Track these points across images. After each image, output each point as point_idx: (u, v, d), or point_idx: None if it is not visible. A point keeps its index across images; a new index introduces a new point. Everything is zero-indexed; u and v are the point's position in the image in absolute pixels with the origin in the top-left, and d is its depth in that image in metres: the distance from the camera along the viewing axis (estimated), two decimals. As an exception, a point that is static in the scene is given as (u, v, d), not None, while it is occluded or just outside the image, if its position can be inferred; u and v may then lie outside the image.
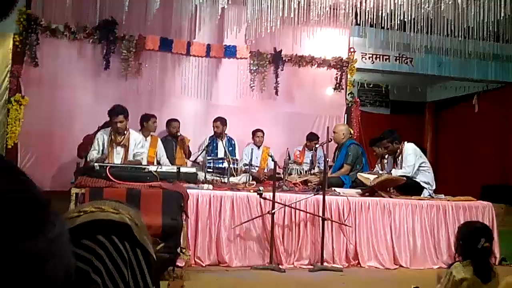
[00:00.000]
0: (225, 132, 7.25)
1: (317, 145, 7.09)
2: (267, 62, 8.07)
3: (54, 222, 0.57)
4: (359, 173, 6.06)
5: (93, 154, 5.50)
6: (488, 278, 2.74)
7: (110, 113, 5.51)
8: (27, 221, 0.54)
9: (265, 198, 5.09)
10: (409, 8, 6.38)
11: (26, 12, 6.96)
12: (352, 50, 8.46)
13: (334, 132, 6.65)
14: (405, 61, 8.98)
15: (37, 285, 0.52)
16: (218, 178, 6.20)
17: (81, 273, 1.05)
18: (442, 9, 6.33)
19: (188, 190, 4.87)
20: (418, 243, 5.53)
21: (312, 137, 7.62)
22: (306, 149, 7.64)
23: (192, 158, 6.96)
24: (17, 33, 6.98)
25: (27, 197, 0.56)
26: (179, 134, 7.03)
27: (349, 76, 8.47)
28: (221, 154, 7.01)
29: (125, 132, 5.60)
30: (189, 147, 7.18)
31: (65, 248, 0.57)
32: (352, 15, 6.76)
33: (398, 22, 6.57)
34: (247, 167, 6.63)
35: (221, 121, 7.16)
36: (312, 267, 5.14)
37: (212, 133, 7.24)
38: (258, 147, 7.51)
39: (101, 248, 1.07)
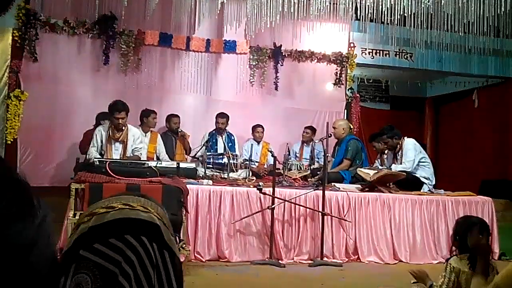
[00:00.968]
0: (225, 128, 7.24)
1: (316, 140, 7.08)
2: (266, 57, 8.06)
3: (39, 205, 0.57)
4: (358, 169, 6.07)
5: (92, 151, 5.49)
6: (487, 272, 2.74)
7: (112, 109, 5.49)
8: (14, 204, 0.53)
9: (264, 193, 5.09)
10: (409, 3, 6.36)
11: (25, 7, 6.93)
12: (352, 45, 8.45)
13: (334, 127, 6.66)
14: (405, 56, 8.97)
15: (26, 268, 0.51)
16: (218, 174, 6.20)
17: (108, 274, 1.00)
18: (442, 4, 6.31)
19: (187, 186, 4.87)
20: (417, 238, 5.54)
21: (306, 129, 7.59)
22: (305, 144, 7.62)
23: (192, 153, 6.95)
24: (16, 28, 6.95)
25: (12, 181, 0.56)
26: (179, 130, 7.02)
27: (349, 71, 8.46)
28: (220, 150, 7.00)
29: (123, 128, 5.59)
30: (189, 143, 7.18)
31: (49, 231, 0.57)
32: (352, 10, 6.74)
33: (398, 17, 6.54)
34: (247, 162, 6.63)
35: (226, 117, 7.14)
36: (311, 262, 5.15)
37: (212, 129, 7.22)
38: (258, 143, 7.50)
39: (131, 250, 1.04)
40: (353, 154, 6.47)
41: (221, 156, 6.65)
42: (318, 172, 6.25)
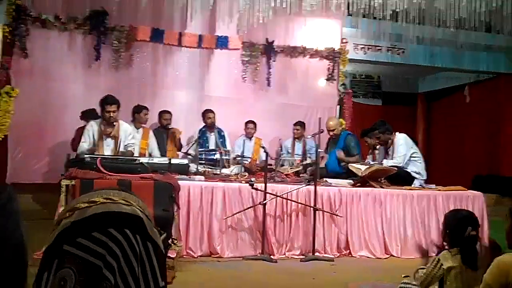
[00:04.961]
0: (214, 123, 7.23)
1: (308, 136, 7.09)
2: (259, 53, 8.04)
3: (2, 189, 0.57)
4: (350, 164, 6.08)
5: (83, 146, 5.47)
6: (476, 266, 2.77)
7: (103, 102, 5.48)
8: None
9: (256, 189, 5.10)
10: (401, -2, 6.37)
11: (15, 3, 6.87)
12: (344, 40, 8.44)
13: (331, 130, 6.65)
14: (397, 51, 8.99)
15: None
16: (210, 170, 6.19)
17: (92, 268, 1.01)
18: (434, 0, 6.32)
19: (179, 182, 4.87)
20: (408, 233, 5.57)
21: (296, 125, 7.57)
22: (296, 140, 7.60)
23: (183, 150, 6.94)
24: (7, 24, 6.88)
25: None
26: (169, 127, 7.01)
27: (341, 67, 8.46)
28: (212, 146, 6.99)
29: (115, 123, 5.57)
30: (180, 139, 7.16)
31: (15, 215, 0.57)
32: (344, 6, 6.74)
33: (390, 12, 6.56)
34: (239, 158, 6.63)
35: (213, 112, 7.15)
36: (303, 257, 5.17)
37: (202, 126, 7.21)
38: (250, 139, 7.50)
39: (114, 243, 1.04)
40: (356, 148, 6.57)
41: (213, 152, 6.64)
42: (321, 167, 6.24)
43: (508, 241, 2.26)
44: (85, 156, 4.93)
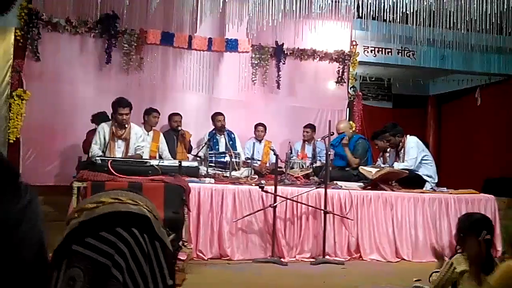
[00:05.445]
0: (224, 126, 7.25)
1: (318, 139, 7.07)
2: (268, 56, 8.05)
3: (25, 190, 0.57)
4: (361, 167, 6.06)
5: (95, 148, 5.50)
6: (491, 270, 2.74)
7: (116, 105, 5.50)
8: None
9: (266, 192, 5.09)
10: (411, 1, 6.34)
11: (27, 7, 6.95)
12: (354, 43, 8.43)
13: (342, 132, 6.65)
14: (408, 54, 8.94)
15: (8, 249, 0.51)
16: (220, 172, 6.20)
17: (101, 267, 1.02)
18: (444, 2, 6.30)
19: (189, 184, 4.88)
20: (420, 236, 5.53)
21: (306, 128, 7.57)
22: (306, 143, 7.61)
23: (193, 153, 6.96)
24: (19, 27, 6.96)
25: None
26: (179, 129, 7.03)
27: (351, 69, 8.44)
28: (222, 149, 7.00)
29: (126, 125, 5.59)
30: (190, 141, 7.18)
31: (36, 217, 0.57)
32: (354, 8, 6.73)
33: (400, 14, 6.53)
34: (249, 161, 6.63)
35: (223, 115, 7.17)
36: (313, 260, 5.15)
37: (211, 128, 7.23)
38: (260, 141, 7.50)
39: (122, 242, 1.05)
40: (362, 153, 6.50)
41: (223, 155, 6.65)
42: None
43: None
44: (97, 158, 4.96)
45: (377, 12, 6.57)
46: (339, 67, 8.35)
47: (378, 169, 5.82)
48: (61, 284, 0.97)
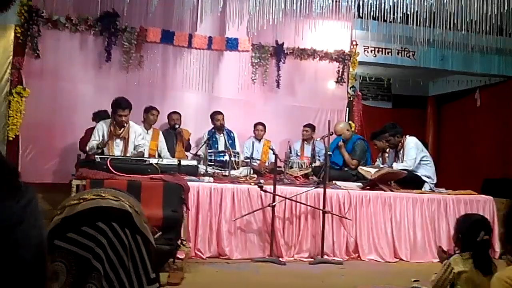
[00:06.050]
0: (224, 125, 7.24)
1: (317, 139, 7.07)
2: (268, 55, 8.04)
3: (25, 188, 0.57)
4: (360, 167, 6.06)
5: (93, 143, 5.49)
6: (489, 271, 2.74)
7: (116, 106, 5.48)
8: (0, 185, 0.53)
9: (265, 191, 5.09)
10: (412, 1, 6.34)
11: (27, 4, 6.94)
12: (354, 43, 8.42)
13: (339, 134, 6.63)
14: (408, 54, 8.94)
15: (9, 248, 0.51)
16: (219, 171, 6.20)
17: (82, 260, 1.05)
18: (445, 2, 6.29)
19: (188, 183, 4.88)
20: (418, 237, 5.53)
21: (305, 127, 7.57)
22: (305, 142, 7.61)
23: (193, 152, 6.96)
24: (19, 24, 6.95)
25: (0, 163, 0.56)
26: (177, 127, 7.02)
27: (351, 69, 8.43)
28: (221, 148, 7.00)
29: (126, 124, 5.59)
30: (189, 140, 7.18)
31: (36, 216, 0.57)
32: (354, 8, 6.72)
33: (401, 15, 6.53)
34: (248, 160, 6.63)
35: (222, 114, 7.16)
36: (312, 260, 5.16)
37: (211, 127, 7.22)
38: (259, 140, 7.50)
39: (101, 235, 1.08)
40: (361, 155, 6.48)
41: (223, 154, 6.65)
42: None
43: (504, 247, 2.25)
44: (96, 156, 4.95)
45: (377, 12, 6.57)
46: (339, 67, 8.34)
47: (377, 169, 5.82)
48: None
